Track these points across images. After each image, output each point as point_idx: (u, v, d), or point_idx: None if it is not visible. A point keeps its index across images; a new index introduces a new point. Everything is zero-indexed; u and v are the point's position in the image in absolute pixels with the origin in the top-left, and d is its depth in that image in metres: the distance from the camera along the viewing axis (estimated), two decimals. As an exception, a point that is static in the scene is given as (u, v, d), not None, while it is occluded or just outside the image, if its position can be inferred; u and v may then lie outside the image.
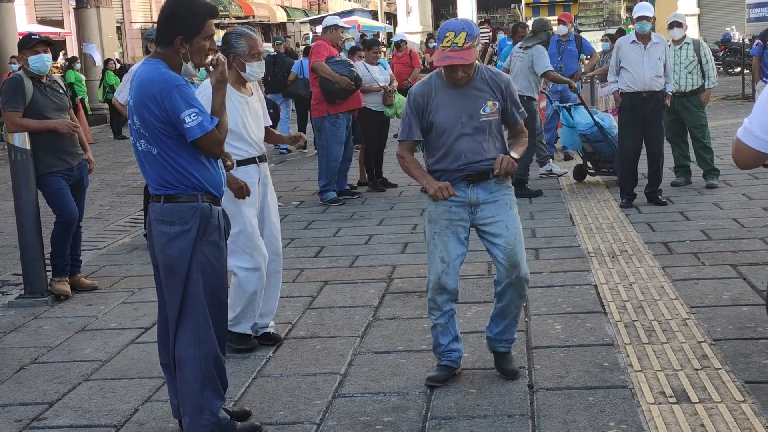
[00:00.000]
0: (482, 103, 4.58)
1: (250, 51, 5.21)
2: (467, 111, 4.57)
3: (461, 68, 4.49)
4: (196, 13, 3.91)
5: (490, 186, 4.61)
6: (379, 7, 47.49)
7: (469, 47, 4.45)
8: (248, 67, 5.21)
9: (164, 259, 3.98)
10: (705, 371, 4.61)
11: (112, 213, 10.89)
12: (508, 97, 4.64)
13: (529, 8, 28.27)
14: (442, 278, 4.62)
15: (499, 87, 4.62)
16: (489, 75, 4.64)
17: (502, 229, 4.60)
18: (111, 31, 27.82)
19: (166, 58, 3.93)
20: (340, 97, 10.03)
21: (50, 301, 6.71)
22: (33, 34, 7.06)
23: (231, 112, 5.00)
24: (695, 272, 6.51)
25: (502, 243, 4.60)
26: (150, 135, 3.88)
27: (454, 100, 4.59)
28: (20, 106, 6.64)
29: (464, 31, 4.45)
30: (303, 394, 4.67)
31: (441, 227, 4.63)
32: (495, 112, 4.59)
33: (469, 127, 4.56)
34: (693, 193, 9.64)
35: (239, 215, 5.13)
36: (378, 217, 9.38)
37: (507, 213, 4.64)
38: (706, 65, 9.88)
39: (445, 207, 4.61)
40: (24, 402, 4.78)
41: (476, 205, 4.62)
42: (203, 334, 3.98)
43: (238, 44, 5.20)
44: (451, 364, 4.76)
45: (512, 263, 4.61)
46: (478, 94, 4.59)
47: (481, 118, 4.57)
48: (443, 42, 4.49)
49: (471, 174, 4.59)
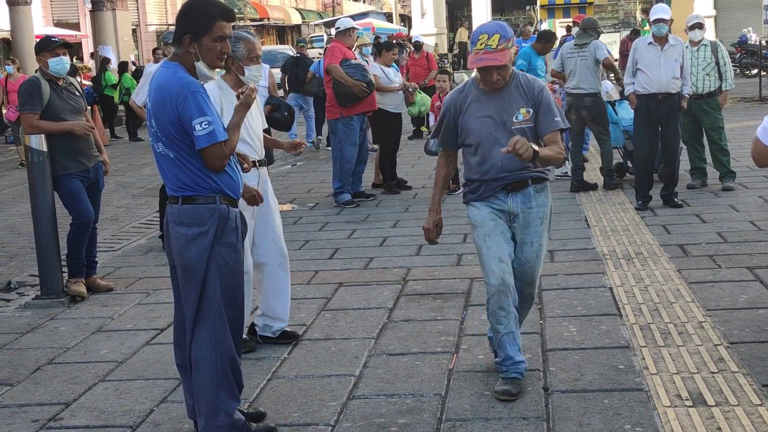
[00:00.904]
0: (515, 110, 4.52)
1: (249, 54, 5.25)
2: (500, 118, 4.52)
3: (496, 70, 4.46)
4: (207, 14, 3.92)
5: (529, 194, 4.58)
6: (394, 9, 47.56)
7: (503, 48, 4.42)
8: (247, 70, 5.25)
9: (182, 261, 3.99)
10: (721, 374, 4.59)
11: (127, 215, 10.93)
12: (540, 104, 4.55)
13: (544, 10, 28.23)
14: (506, 278, 4.53)
15: (533, 93, 4.55)
16: (524, 80, 4.59)
17: (527, 244, 4.62)
18: (126, 33, 28.00)
19: (181, 59, 3.95)
20: (352, 100, 10.03)
21: (66, 302, 6.74)
22: (52, 37, 7.11)
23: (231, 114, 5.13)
24: (711, 275, 6.48)
25: (523, 256, 4.63)
26: (166, 138, 3.90)
27: (488, 106, 4.54)
28: (37, 109, 6.68)
29: (498, 33, 4.42)
30: (318, 395, 4.67)
31: (489, 228, 4.59)
32: (529, 119, 4.52)
33: (502, 135, 4.48)
34: (709, 196, 9.60)
35: None
36: (392, 219, 9.38)
37: (537, 228, 4.62)
38: (724, 67, 9.84)
39: (489, 209, 4.60)
40: (40, 402, 4.80)
41: (515, 215, 4.61)
42: (219, 336, 4.00)
43: (237, 48, 5.22)
44: (520, 375, 4.58)
45: (527, 279, 4.68)
46: (511, 101, 4.53)
47: (514, 125, 4.51)
48: (477, 45, 4.46)
49: (510, 183, 4.56)
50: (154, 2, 37.16)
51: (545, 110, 4.55)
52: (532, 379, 4.69)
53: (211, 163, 3.91)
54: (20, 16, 22.06)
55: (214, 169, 3.93)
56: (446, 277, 6.82)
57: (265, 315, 5.50)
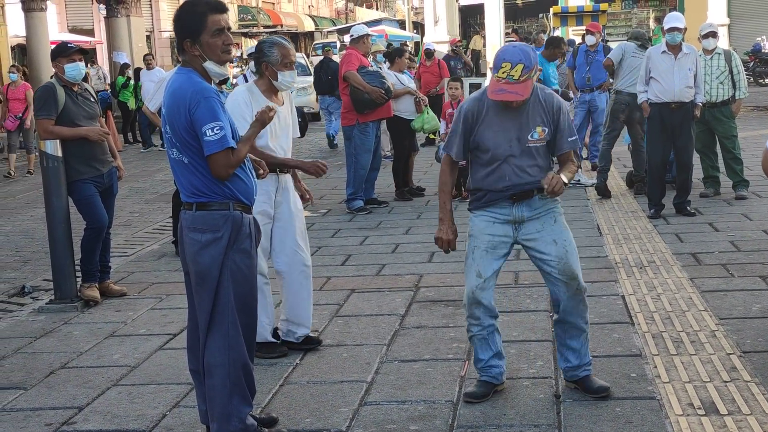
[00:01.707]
0: (532, 128, 4.47)
1: (283, 60, 5.23)
2: (516, 134, 4.48)
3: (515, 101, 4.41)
4: (197, 12, 3.92)
5: (535, 202, 4.53)
6: (407, 16, 47.62)
7: (526, 80, 4.33)
8: (280, 75, 5.24)
9: (195, 267, 4.01)
10: (734, 383, 4.58)
11: (140, 220, 10.98)
12: (558, 123, 4.52)
13: (557, 18, 28.17)
14: (476, 292, 4.54)
15: (551, 111, 4.51)
16: (542, 96, 4.51)
17: (550, 244, 4.53)
18: (141, 39, 28.11)
19: (191, 64, 3.97)
20: (370, 107, 10.05)
21: (80, 306, 6.77)
22: (68, 43, 7.16)
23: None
24: (724, 284, 6.47)
25: (553, 258, 4.52)
26: (180, 144, 3.92)
27: (504, 121, 4.48)
28: (53, 114, 6.72)
29: (521, 63, 4.31)
30: (329, 401, 4.68)
31: (481, 242, 4.55)
32: (543, 138, 4.50)
33: (516, 150, 4.48)
34: (722, 204, 9.57)
35: None
36: (405, 225, 9.39)
37: (552, 226, 4.56)
38: (737, 75, 9.83)
39: (488, 222, 4.56)
40: (54, 406, 4.83)
41: (520, 222, 4.55)
42: (233, 341, 4.01)
43: (271, 53, 5.23)
44: (491, 380, 4.64)
45: (568, 275, 4.52)
46: (528, 118, 4.48)
47: (529, 143, 4.48)
48: (498, 72, 4.35)
49: (516, 193, 4.52)
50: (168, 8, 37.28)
51: (562, 130, 4.53)
52: (543, 387, 4.70)
53: (216, 170, 3.90)
54: (36, 22, 22.18)
55: (219, 177, 3.92)
56: (458, 284, 6.81)
57: (289, 320, 5.49)
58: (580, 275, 4.55)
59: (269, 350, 5.37)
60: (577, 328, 4.61)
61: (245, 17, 41.54)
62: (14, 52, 27.94)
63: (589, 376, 4.62)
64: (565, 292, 4.55)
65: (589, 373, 4.63)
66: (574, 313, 4.58)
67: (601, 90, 12.07)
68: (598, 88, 12.03)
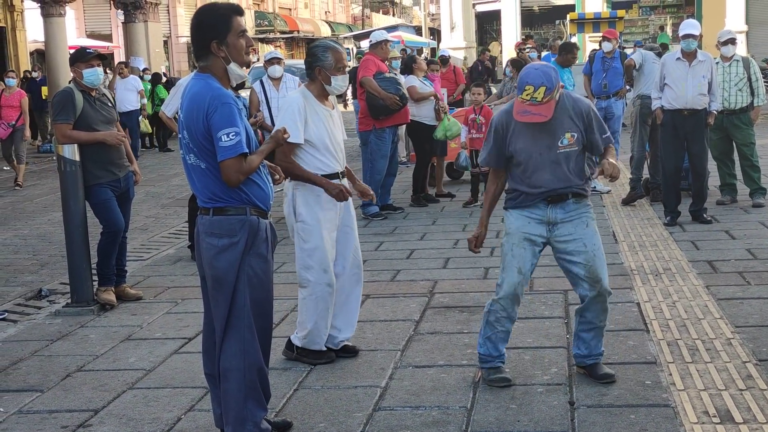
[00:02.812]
0: (560, 135, 4.69)
1: (336, 64, 5.20)
2: (546, 142, 4.70)
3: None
4: (221, 14, 3.98)
5: (569, 206, 4.77)
6: (423, 22, 47.62)
7: (549, 101, 4.58)
8: (333, 80, 5.21)
9: (212, 271, 4.03)
10: (750, 391, 4.56)
11: (156, 224, 11.03)
12: (589, 124, 4.74)
13: (574, 25, 28.15)
14: (518, 289, 4.81)
15: (581, 114, 4.73)
16: (570, 103, 4.74)
17: (580, 247, 4.76)
18: (158, 44, 28.27)
19: (211, 69, 3.99)
20: (385, 113, 10.06)
21: (96, 310, 6.81)
22: (87, 48, 7.21)
23: (317, 125, 5.16)
24: (740, 291, 6.44)
25: (581, 260, 4.75)
26: (198, 149, 3.94)
27: (533, 131, 4.69)
28: (70, 119, 6.77)
29: (543, 86, 4.54)
30: (344, 406, 4.69)
31: (518, 239, 4.80)
32: (573, 143, 4.71)
33: (547, 158, 4.70)
34: (739, 212, 9.53)
35: (317, 231, 5.18)
36: (420, 231, 9.39)
37: (584, 230, 4.79)
38: (756, 82, 9.79)
39: (523, 222, 4.80)
40: (70, 409, 4.86)
41: (554, 224, 4.78)
42: (248, 346, 4.03)
43: (325, 57, 5.19)
44: (503, 364, 4.94)
45: (594, 278, 4.75)
46: (557, 126, 4.68)
47: (559, 150, 4.70)
48: (522, 94, 4.60)
49: (551, 196, 4.74)
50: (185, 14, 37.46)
51: (596, 129, 4.75)
52: (558, 394, 4.69)
53: (227, 176, 3.91)
54: (54, 27, 22.33)
55: (229, 183, 3.93)
56: (473, 290, 6.82)
57: (333, 325, 5.42)
58: (605, 279, 4.79)
59: (317, 356, 5.32)
60: (591, 323, 4.88)
61: (262, 23, 41.69)
62: (33, 57, 28.17)
63: (597, 364, 4.89)
64: (589, 293, 4.79)
65: (597, 361, 4.90)
66: (593, 312, 4.85)
67: (617, 97, 12.04)
68: (615, 95, 11.99)
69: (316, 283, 5.21)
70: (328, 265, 5.22)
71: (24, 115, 15.29)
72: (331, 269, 5.24)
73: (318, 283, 5.20)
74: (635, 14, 36.40)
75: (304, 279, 5.25)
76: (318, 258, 5.19)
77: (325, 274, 5.21)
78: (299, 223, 5.22)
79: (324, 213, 5.19)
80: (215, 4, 4.06)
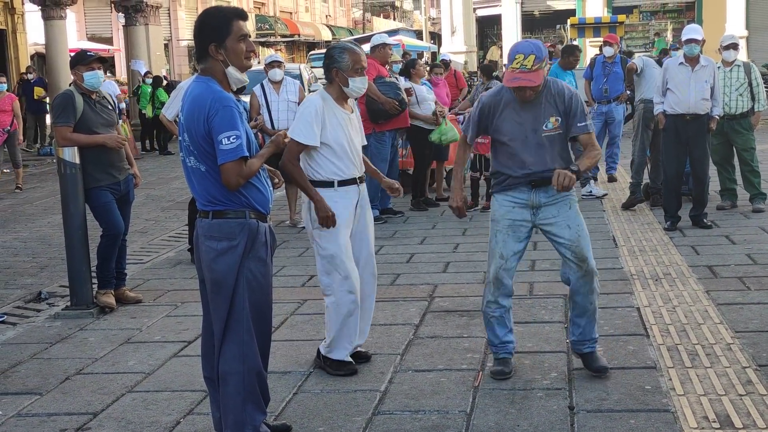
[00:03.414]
0: (545, 119, 4.87)
1: (354, 66, 5.06)
2: (532, 125, 4.88)
3: (529, 89, 4.78)
4: (222, 17, 3.97)
5: (551, 189, 4.87)
6: (424, 26, 47.68)
7: (538, 69, 4.73)
8: (351, 82, 5.06)
9: (211, 274, 4.02)
10: (749, 397, 4.55)
11: (156, 227, 11.02)
12: (570, 109, 4.88)
13: (574, 29, 28.16)
14: (500, 273, 5.00)
15: (563, 101, 4.89)
16: (555, 89, 4.91)
17: (564, 228, 4.94)
18: (159, 48, 28.25)
19: (211, 72, 3.98)
20: (384, 117, 10.06)
21: (95, 313, 6.81)
22: (88, 51, 7.21)
23: (335, 128, 5.06)
24: (740, 297, 6.44)
25: (566, 241, 4.93)
26: (198, 152, 3.93)
27: (520, 114, 4.90)
28: (71, 121, 6.77)
29: (533, 54, 4.73)
30: (343, 410, 4.68)
31: (502, 226, 4.99)
32: (557, 127, 4.88)
33: (533, 141, 4.88)
34: (739, 217, 9.53)
35: (335, 239, 5.06)
36: (420, 235, 9.39)
37: (567, 213, 4.94)
38: (756, 88, 9.80)
39: (508, 208, 4.97)
40: (69, 412, 4.85)
41: (538, 207, 4.95)
42: (247, 350, 4.02)
43: (342, 59, 5.06)
44: (508, 355, 5.10)
45: (579, 257, 4.93)
46: (542, 110, 4.88)
47: (544, 133, 4.88)
48: (512, 63, 4.76)
49: (534, 180, 4.90)
50: (187, 17, 37.50)
51: (573, 116, 4.88)
52: (557, 398, 4.69)
53: (227, 179, 3.90)
54: (55, 30, 22.32)
55: (229, 186, 3.91)
56: (473, 294, 6.81)
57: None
58: (590, 258, 4.95)
59: (338, 367, 5.20)
60: (582, 307, 5.02)
61: (263, 26, 41.69)
62: (33, 59, 28.17)
63: (593, 353, 5.02)
64: (576, 272, 4.95)
65: (593, 349, 5.03)
66: (582, 293, 4.99)
67: (618, 101, 12.05)
68: (615, 100, 12.00)
69: (338, 290, 5.11)
70: (349, 271, 5.10)
71: (17, 119, 15.24)
72: (352, 276, 5.11)
73: (340, 290, 5.10)
74: (636, 19, 36.44)
75: (326, 286, 5.15)
76: (338, 264, 5.08)
77: (346, 281, 5.09)
78: (316, 229, 5.12)
79: (341, 219, 5.08)
80: (219, 7, 4.07)
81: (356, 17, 63.95)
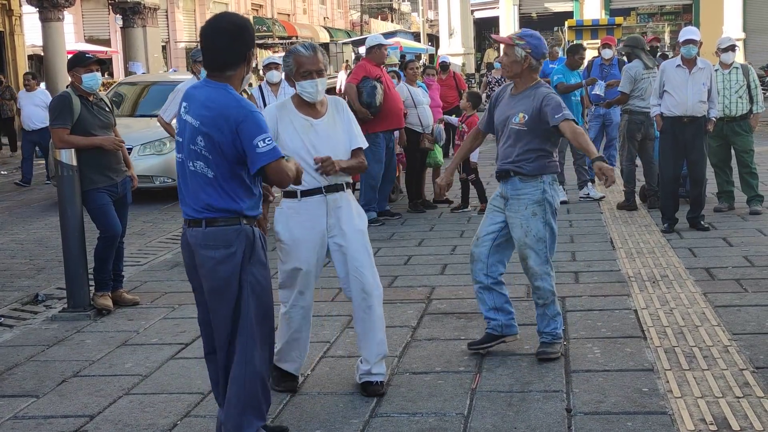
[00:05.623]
0: (516, 113, 5.26)
1: (298, 69, 4.84)
2: (508, 117, 5.31)
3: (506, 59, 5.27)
4: (252, 25, 4.10)
5: (515, 183, 5.28)
6: (422, 28, 47.71)
7: (516, 44, 5.21)
8: (298, 86, 4.86)
9: (213, 282, 3.98)
10: (747, 399, 4.55)
11: (154, 229, 11.01)
12: (541, 106, 5.18)
13: (572, 31, 28.22)
14: (473, 249, 5.46)
15: (537, 99, 5.22)
16: (538, 91, 5.27)
17: (517, 227, 5.29)
18: (156, 50, 28.28)
19: (233, 79, 3.95)
20: (363, 121, 10.00)
21: (92, 315, 6.79)
22: (86, 53, 7.20)
23: (291, 136, 4.82)
24: (737, 299, 6.44)
25: (513, 237, 5.34)
26: (214, 157, 3.87)
27: (506, 106, 5.36)
28: (68, 123, 6.76)
29: (523, 35, 5.34)
30: (340, 412, 4.68)
31: (487, 209, 5.50)
32: (523, 123, 5.23)
33: (505, 132, 5.34)
34: (736, 219, 9.54)
35: (296, 252, 4.84)
36: (417, 238, 9.39)
37: (523, 212, 5.26)
38: (755, 90, 9.82)
39: (496, 193, 5.46)
40: (66, 414, 4.84)
41: (506, 198, 5.36)
42: (249, 356, 4.01)
43: (287, 63, 4.90)
44: (491, 330, 5.46)
45: (521, 256, 5.35)
46: (518, 105, 5.27)
47: (511, 125, 5.28)
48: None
49: (498, 171, 5.40)
50: (184, 19, 37.51)
51: (547, 109, 5.14)
52: (555, 401, 4.68)
53: (279, 177, 3.92)
54: (53, 32, 22.33)
55: (281, 184, 4.05)
56: (470, 297, 6.79)
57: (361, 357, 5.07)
58: (530, 260, 5.29)
59: (277, 379, 4.99)
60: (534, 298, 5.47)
61: (261, 28, 41.68)
62: (31, 61, 28.16)
63: (542, 343, 5.38)
64: (522, 267, 5.41)
65: (543, 340, 5.39)
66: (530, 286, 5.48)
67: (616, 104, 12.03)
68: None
69: (291, 304, 4.94)
70: (306, 286, 4.92)
71: None
72: (309, 292, 4.94)
73: (294, 305, 4.93)
74: (633, 21, 36.51)
75: (282, 297, 4.97)
76: (294, 279, 4.90)
77: (301, 296, 4.90)
78: (278, 242, 4.93)
79: (303, 232, 4.84)
80: (238, 15, 4.12)
81: (354, 19, 63.96)
